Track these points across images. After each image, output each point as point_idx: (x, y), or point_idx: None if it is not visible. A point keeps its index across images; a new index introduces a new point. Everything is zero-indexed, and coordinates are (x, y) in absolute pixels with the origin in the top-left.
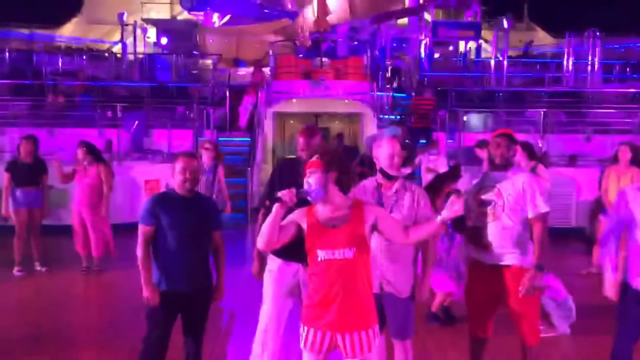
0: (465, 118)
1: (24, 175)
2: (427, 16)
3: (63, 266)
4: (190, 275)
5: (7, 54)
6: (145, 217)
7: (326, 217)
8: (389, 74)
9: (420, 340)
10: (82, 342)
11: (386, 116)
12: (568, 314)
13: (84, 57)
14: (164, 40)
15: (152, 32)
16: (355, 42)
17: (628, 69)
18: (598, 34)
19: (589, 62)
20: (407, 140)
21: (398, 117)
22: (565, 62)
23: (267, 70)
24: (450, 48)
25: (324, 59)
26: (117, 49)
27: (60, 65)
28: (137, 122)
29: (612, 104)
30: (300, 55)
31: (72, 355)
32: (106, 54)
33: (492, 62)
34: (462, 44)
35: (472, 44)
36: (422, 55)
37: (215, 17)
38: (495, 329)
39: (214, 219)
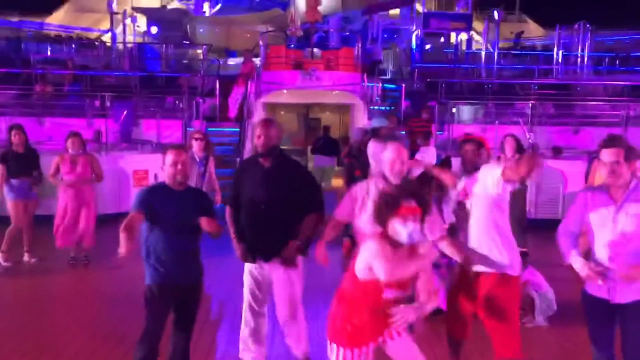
0: (454, 110)
1: (19, 166)
2: (419, 7)
3: (53, 257)
4: (182, 269)
5: None
6: (137, 204)
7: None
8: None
9: None
10: (74, 334)
11: (376, 107)
12: (548, 305)
13: (73, 46)
14: (153, 30)
15: (142, 21)
16: (347, 33)
17: (617, 62)
18: (588, 26)
19: (579, 55)
20: (397, 132)
21: (388, 108)
22: (555, 55)
23: (257, 60)
24: (442, 39)
25: (315, 50)
26: (106, 37)
27: (49, 53)
28: (125, 111)
29: (601, 96)
30: (291, 46)
31: (65, 347)
32: (95, 43)
33: (483, 54)
34: (453, 35)
35: (463, 36)
36: (414, 46)
37: (206, 6)
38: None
39: (207, 211)
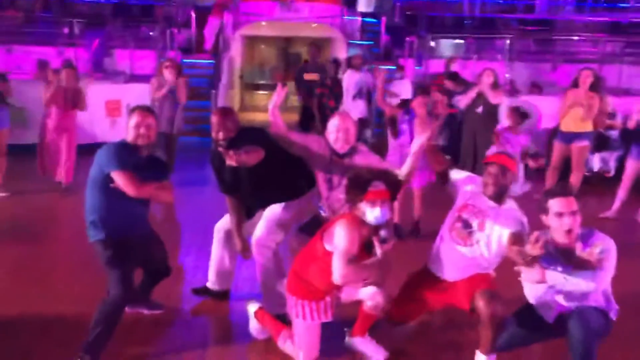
0: (433, 44)
1: None
2: None
3: (27, 189)
4: (135, 226)
5: None
6: (121, 162)
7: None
8: None
9: None
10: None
11: (356, 41)
12: None
13: None
14: None
15: None
16: None
17: None
18: None
19: None
20: (369, 67)
21: (368, 42)
22: None
23: None
24: None
25: None
26: None
27: None
28: (98, 40)
29: (582, 33)
30: None
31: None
32: None
33: None
34: None
35: None
36: None
37: None
38: None
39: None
